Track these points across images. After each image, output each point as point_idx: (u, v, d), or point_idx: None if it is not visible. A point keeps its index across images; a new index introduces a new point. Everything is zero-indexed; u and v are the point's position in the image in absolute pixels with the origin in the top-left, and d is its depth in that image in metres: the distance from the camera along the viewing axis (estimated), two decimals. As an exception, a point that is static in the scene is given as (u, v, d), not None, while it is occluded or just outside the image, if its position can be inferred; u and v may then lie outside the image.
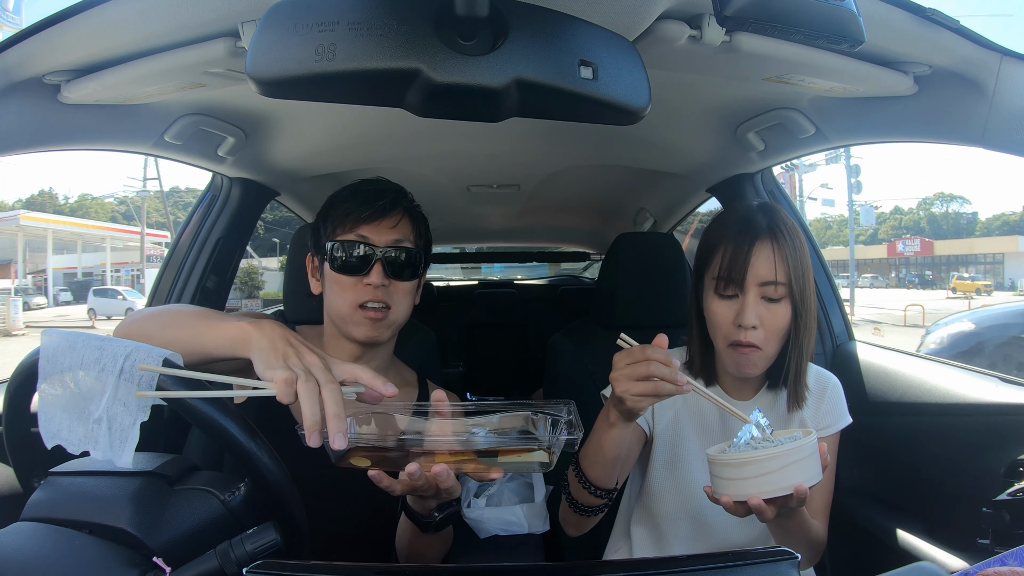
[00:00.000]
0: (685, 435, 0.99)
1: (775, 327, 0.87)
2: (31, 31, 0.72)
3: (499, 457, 0.65)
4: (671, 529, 1.00)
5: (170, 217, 28.32)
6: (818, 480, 0.71)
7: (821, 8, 0.51)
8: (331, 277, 0.95)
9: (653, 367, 0.74)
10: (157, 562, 0.54)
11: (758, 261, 0.86)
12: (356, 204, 0.94)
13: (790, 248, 0.87)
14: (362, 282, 0.92)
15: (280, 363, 0.63)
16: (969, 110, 0.79)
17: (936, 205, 62.25)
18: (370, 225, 0.94)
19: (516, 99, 0.53)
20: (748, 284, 0.86)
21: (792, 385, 0.92)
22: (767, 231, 0.87)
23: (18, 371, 0.64)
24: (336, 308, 0.95)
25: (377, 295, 0.92)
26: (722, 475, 0.73)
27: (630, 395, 0.75)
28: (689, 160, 1.53)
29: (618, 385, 0.76)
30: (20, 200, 49.78)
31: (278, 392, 0.60)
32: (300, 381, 0.60)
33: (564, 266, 3.91)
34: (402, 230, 0.96)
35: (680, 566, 0.57)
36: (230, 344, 0.68)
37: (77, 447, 0.59)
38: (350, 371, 0.66)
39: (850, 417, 0.97)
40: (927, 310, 16.49)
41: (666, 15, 0.72)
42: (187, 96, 0.96)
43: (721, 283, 0.88)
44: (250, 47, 0.50)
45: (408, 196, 1.00)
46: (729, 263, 0.87)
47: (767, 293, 0.87)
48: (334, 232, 0.95)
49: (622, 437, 0.83)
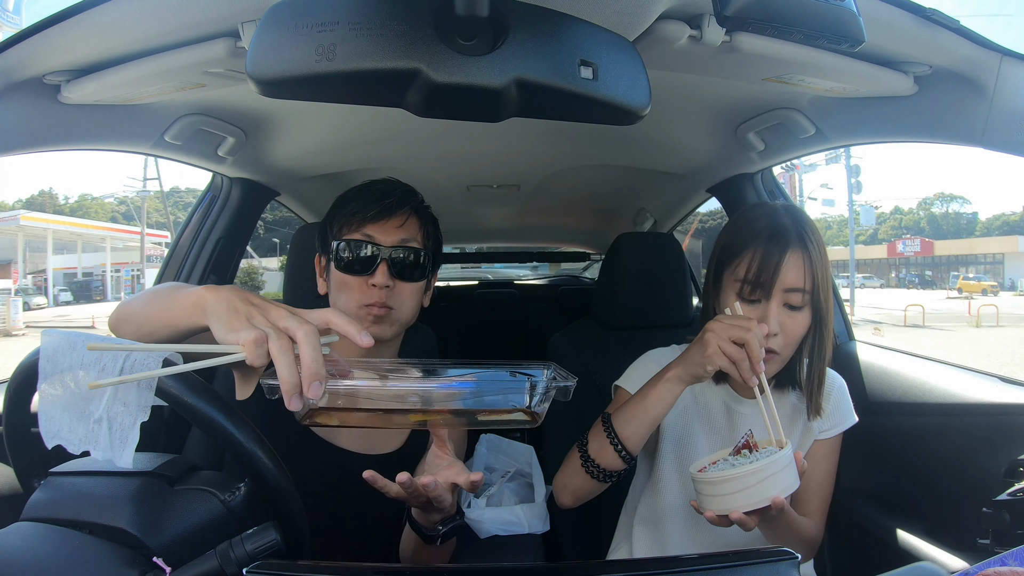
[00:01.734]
0: (693, 430, 1.01)
1: (795, 334, 0.88)
2: (31, 31, 0.71)
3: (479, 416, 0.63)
4: (673, 524, 1.01)
5: (170, 217, 28.36)
6: (795, 487, 0.76)
7: (821, 8, 0.51)
8: (336, 277, 0.93)
9: (751, 336, 0.77)
10: (157, 562, 0.54)
11: (788, 269, 0.86)
12: (362, 203, 0.93)
13: (817, 256, 0.87)
14: (367, 282, 0.91)
15: (244, 324, 0.56)
16: (969, 110, 0.79)
17: (936, 205, 62.27)
18: (376, 224, 0.92)
19: (516, 99, 0.53)
20: (775, 291, 0.87)
21: (814, 394, 0.93)
22: (798, 239, 0.87)
23: (18, 371, 0.64)
24: (341, 309, 0.92)
25: (381, 296, 0.90)
26: (704, 492, 0.78)
27: (715, 344, 0.78)
28: (689, 160, 1.53)
29: (713, 335, 0.79)
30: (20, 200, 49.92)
31: (247, 355, 0.54)
32: (272, 340, 0.54)
33: (564, 266, 3.92)
34: (409, 229, 0.94)
35: (680, 566, 0.57)
36: (190, 312, 0.62)
37: (77, 447, 0.59)
38: (320, 316, 0.59)
39: (856, 417, 0.98)
40: (927, 310, 16.52)
41: (666, 15, 0.72)
42: (187, 96, 0.96)
43: (747, 287, 0.88)
44: (250, 47, 0.50)
45: (417, 196, 0.99)
46: (758, 269, 0.87)
47: (790, 300, 0.87)
48: (340, 231, 0.93)
49: (671, 398, 0.86)
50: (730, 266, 0.92)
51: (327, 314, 0.59)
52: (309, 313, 0.59)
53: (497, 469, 1.35)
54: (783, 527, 0.84)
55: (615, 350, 1.35)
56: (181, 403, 0.59)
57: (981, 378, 1.01)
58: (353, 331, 0.58)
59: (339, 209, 0.95)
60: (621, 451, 0.88)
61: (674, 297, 1.38)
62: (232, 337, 0.56)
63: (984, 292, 29.79)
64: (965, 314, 18.24)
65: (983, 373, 1.03)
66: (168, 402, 0.59)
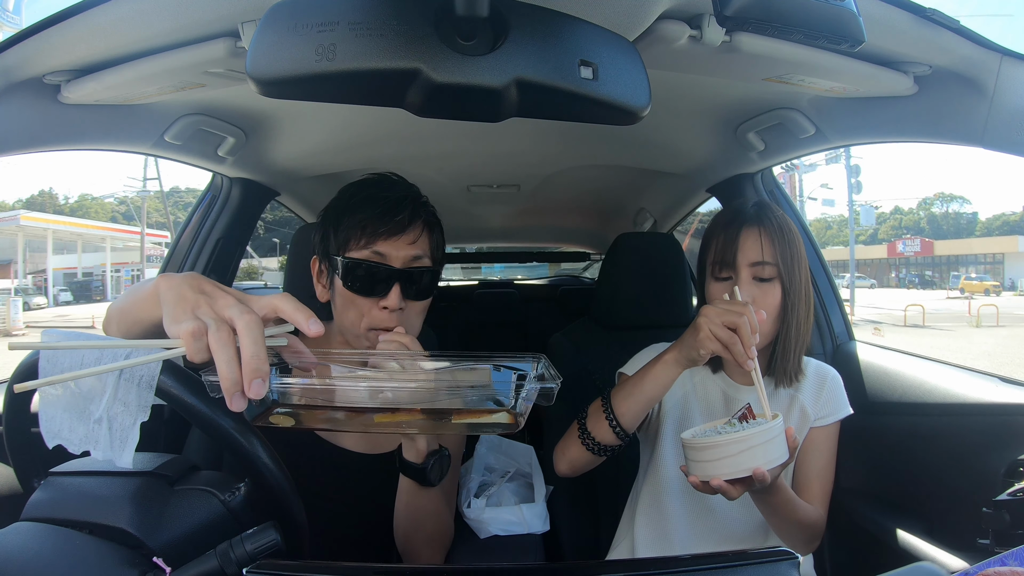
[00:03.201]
0: (692, 417, 1.05)
1: (767, 305, 0.93)
2: (31, 31, 0.71)
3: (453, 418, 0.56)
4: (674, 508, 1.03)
5: (170, 217, 28.34)
6: (781, 461, 0.77)
7: (821, 8, 0.51)
8: (343, 294, 0.87)
9: (742, 322, 0.80)
10: (157, 562, 0.54)
11: (746, 243, 0.95)
12: (372, 216, 0.86)
13: (776, 232, 0.95)
14: (377, 304, 0.85)
15: (187, 314, 0.51)
16: (969, 110, 0.79)
17: (936, 205, 62.28)
18: (388, 241, 0.86)
19: (516, 99, 0.53)
20: (740, 265, 0.95)
21: (779, 362, 0.97)
22: (754, 218, 0.96)
23: (18, 371, 0.64)
24: (348, 328, 0.89)
25: (393, 320, 0.85)
26: (690, 457, 0.80)
27: (707, 328, 0.81)
28: (689, 160, 1.53)
29: (706, 319, 0.82)
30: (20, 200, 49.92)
31: (186, 349, 0.50)
32: (211, 331, 0.49)
33: (564, 266, 3.92)
34: (421, 245, 0.89)
35: (680, 566, 0.57)
36: (150, 304, 0.58)
37: (77, 447, 0.59)
38: (267, 303, 0.53)
39: (850, 408, 1.01)
40: (927, 310, 16.52)
41: (666, 15, 0.72)
42: (187, 96, 0.96)
43: (716, 267, 0.98)
44: (250, 47, 0.50)
45: (426, 204, 0.93)
46: (722, 247, 0.96)
47: (758, 273, 0.94)
48: (346, 245, 0.87)
49: (667, 380, 0.89)
50: (707, 256, 1.01)
51: (275, 300, 0.54)
52: (257, 300, 0.54)
53: (497, 469, 1.35)
54: (780, 505, 0.86)
55: (615, 350, 1.35)
56: (181, 403, 0.59)
57: (981, 378, 1.01)
58: (301, 319, 0.53)
59: (344, 216, 0.88)
60: (616, 427, 0.92)
61: (674, 297, 1.38)
62: (174, 329, 0.51)
63: (987, 292, 29.84)
64: (965, 314, 18.25)
65: (983, 373, 1.03)
66: (168, 402, 0.59)
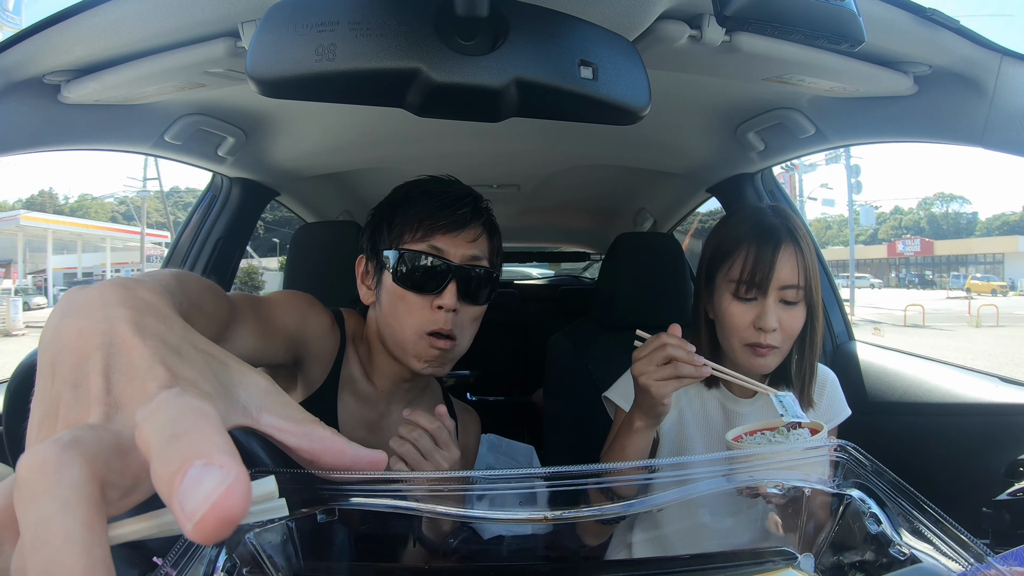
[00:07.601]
0: (690, 435, 1.00)
1: (792, 329, 0.89)
2: (31, 31, 0.72)
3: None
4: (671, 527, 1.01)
5: (170, 217, 28.34)
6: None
7: (821, 8, 0.51)
8: (393, 292, 0.81)
9: (670, 351, 0.76)
10: (157, 562, 0.54)
11: (782, 266, 0.87)
12: (430, 208, 0.81)
13: (809, 252, 0.89)
14: (432, 304, 0.80)
15: (34, 434, 0.27)
16: (969, 110, 0.79)
17: (936, 205, 62.29)
18: (447, 236, 0.80)
19: (516, 99, 0.53)
20: (771, 289, 0.88)
21: (805, 387, 0.93)
22: (789, 236, 0.89)
23: (18, 371, 0.64)
24: (397, 333, 0.82)
25: (448, 322, 0.79)
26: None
27: (652, 380, 0.76)
28: (689, 160, 1.53)
29: (641, 375, 0.78)
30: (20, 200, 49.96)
31: None
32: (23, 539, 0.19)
33: (564, 266, 3.92)
34: (480, 245, 0.83)
35: (680, 566, 0.57)
36: None
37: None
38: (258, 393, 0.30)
39: (849, 410, 0.99)
40: (927, 310, 16.53)
41: (666, 15, 0.72)
42: (187, 96, 0.96)
43: (742, 287, 0.89)
44: (250, 47, 0.50)
45: (489, 208, 0.87)
46: (753, 267, 0.88)
47: (786, 296, 0.88)
48: (401, 238, 0.81)
49: (647, 442, 0.84)
50: (723, 268, 0.92)
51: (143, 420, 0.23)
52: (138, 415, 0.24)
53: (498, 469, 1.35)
54: None
55: (615, 350, 1.35)
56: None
57: (981, 378, 1.01)
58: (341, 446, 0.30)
59: (401, 210, 0.83)
60: (616, 497, 0.89)
61: (674, 297, 1.38)
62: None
63: (993, 292, 29.83)
64: (965, 314, 18.25)
65: (983, 373, 1.03)
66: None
